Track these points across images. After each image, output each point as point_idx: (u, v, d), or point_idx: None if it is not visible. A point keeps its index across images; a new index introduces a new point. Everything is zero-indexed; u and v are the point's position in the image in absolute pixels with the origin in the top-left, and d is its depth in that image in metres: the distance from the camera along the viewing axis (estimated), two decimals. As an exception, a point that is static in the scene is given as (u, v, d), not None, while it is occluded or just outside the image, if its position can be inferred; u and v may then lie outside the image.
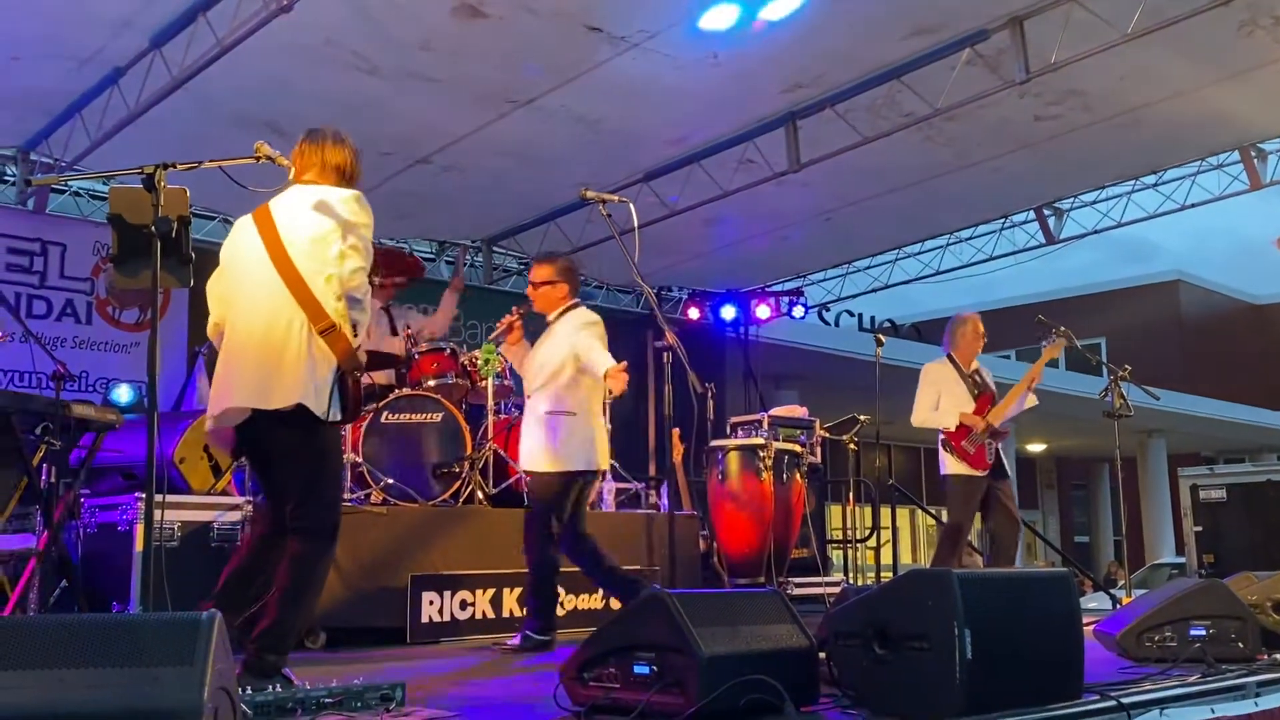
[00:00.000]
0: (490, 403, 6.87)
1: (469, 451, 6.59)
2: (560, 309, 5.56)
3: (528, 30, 6.85)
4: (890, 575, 8.29)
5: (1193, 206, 10.18)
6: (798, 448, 7.65)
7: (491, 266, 11.55)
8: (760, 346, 13.55)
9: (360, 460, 6.32)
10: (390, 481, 6.34)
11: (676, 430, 7.70)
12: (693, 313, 12.66)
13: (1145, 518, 22.29)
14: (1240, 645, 4.37)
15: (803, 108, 8.30)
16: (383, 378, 7.00)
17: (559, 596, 5.79)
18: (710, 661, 2.99)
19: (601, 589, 6.07)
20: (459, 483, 6.54)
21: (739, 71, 7.61)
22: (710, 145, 8.89)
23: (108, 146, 7.56)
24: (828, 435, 8.56)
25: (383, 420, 6.49)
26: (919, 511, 18.70)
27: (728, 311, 12.89)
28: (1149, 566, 18.65)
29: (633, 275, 5.20)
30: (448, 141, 8.46)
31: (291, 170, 3.96)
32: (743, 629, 3.19)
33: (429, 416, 6.58)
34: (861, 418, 8.70)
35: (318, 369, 3.70)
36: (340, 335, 3.72)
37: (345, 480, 6.23)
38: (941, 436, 6.87)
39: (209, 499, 6.01)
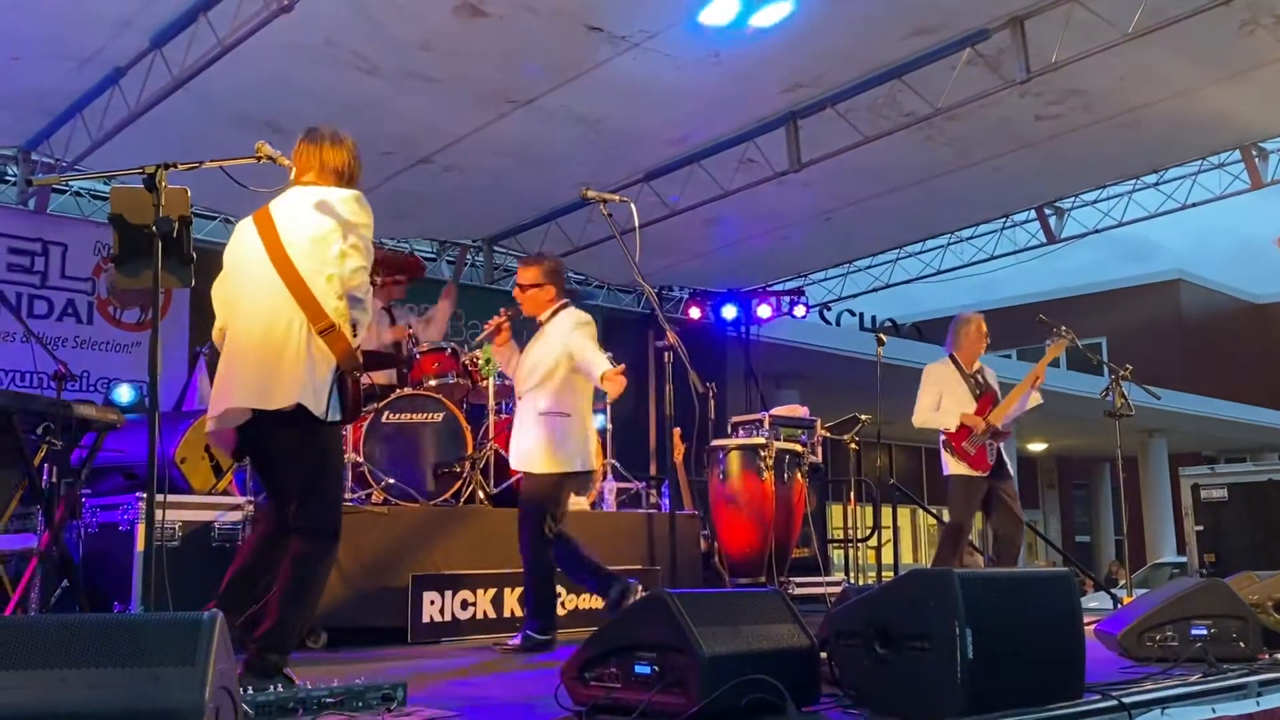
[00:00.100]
0: (491, 402, 6.87)
1: (470, 451, 6.59)
2: (550, 310, 5.57)
3: (528, 30, 6.85)
4: (891, 575, 8.30)
5: (1194, 206, 10.18)
6: (799, 447, 7.65)
7: (492, 266, 11.56)
8: (761, 346, 13.55)
9: (361, 460, 6.32)
10: (391, 481, 6.34)
11: (677, 430, 7.71)
12: (694, 312, 12.66)
13: (1146, 517, 22.29)
14: (1241, 645, 4.36)
15: (803, 107, 8.30)
16: (384, 378, 7.00)
17: (559, 596, 5.78)
18: (711, 661, 2.99)
19: (585, 586, 6.02)
20: (460, 482, 6.55)
21: (740, 71, 7.61)
22: (711, 145, 8.89)
23: (109, 146, 7.57)
24: (829, 435, 8.55)
25: (384, 420, 6.49)
26: (920, 511, 18.69)
27: (729, 311, 12.90)
28: (1150, 566, 18.64)
29: (634, 275, 5.20)
30: (448, 141, 8.46)
31: (292, 170, 3.96)
32: (744, 629, 3.18)
33: (430, 416, 6.58)
34: (862, 417, 8.70)
35: (317, 369, 3.70)
36: (340, 335, 3.72)
37: (346, 480, 6.23)
38: (942, 437, 6.87)
39: (210, 499, 6.01)
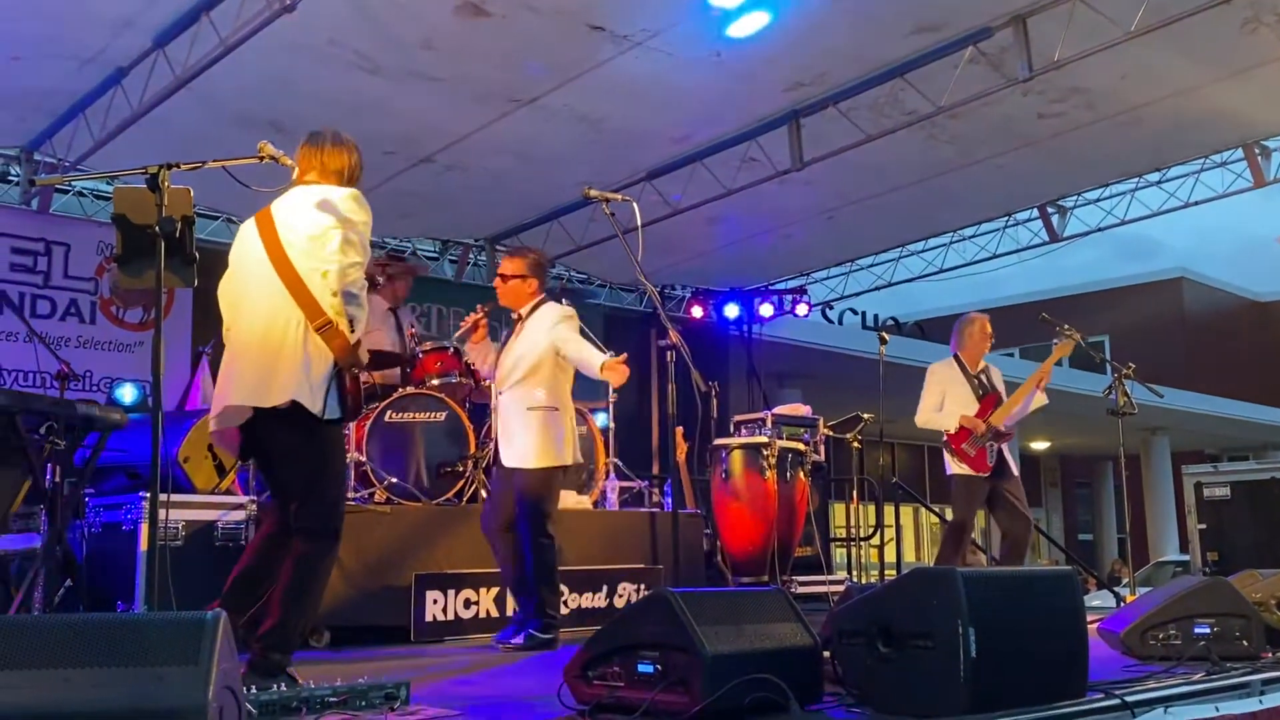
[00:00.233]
0: (494, 401, 6.86)
1: (472, 450, 6.58)
2: (530, 304, 5.57)
3: (530, 29, 6.85)
4: (894, 573, 8.30)
5: (1196, 204, 10.17)
6: (801, 446, 7.64)
7: (495, 265, 11.55)
8: (763, 345, 13.55)
9: (364, 459, 6.32)
10: (394, 480, 6.34)
11: (680, 429, 7.71)
12: (696, 311, 12.66)
13: (1149, 515, 22.26)
14: (1244, 643, 4.36)
15: (805, 106, 8.29)
16: (382, 377, 7.00)
17: (563, 594, 5.78)
18: (715, 660, 2.99)
19: (517, 598, 5.81)
20: (462, 481, 6.55)
21: (742, 70, 7.61)
22: (713, 144, 8.89)
23: (111, 146, 7.57)
24: (831, 433, 8.54)
25: (386, 419, 6.49)
26: (922, 509, 18.70)
27: (731, 310, 12.90)
28: (1153, 564, 18.63)
29: (636, 274, 5.20)
30: (450, 141, 8.47)
31: (295, 170, 3.96)
32: (747, 628, 3.19)
33: (432, 415, 6.58)
34: (865, 416, 8.69)
35: (313, 366, 3.70)
36: (337, 332, 3.72)
37: (349, 479, 6.23)
38: (944, 438, 6.86)
39: (213, 498, 6.02)
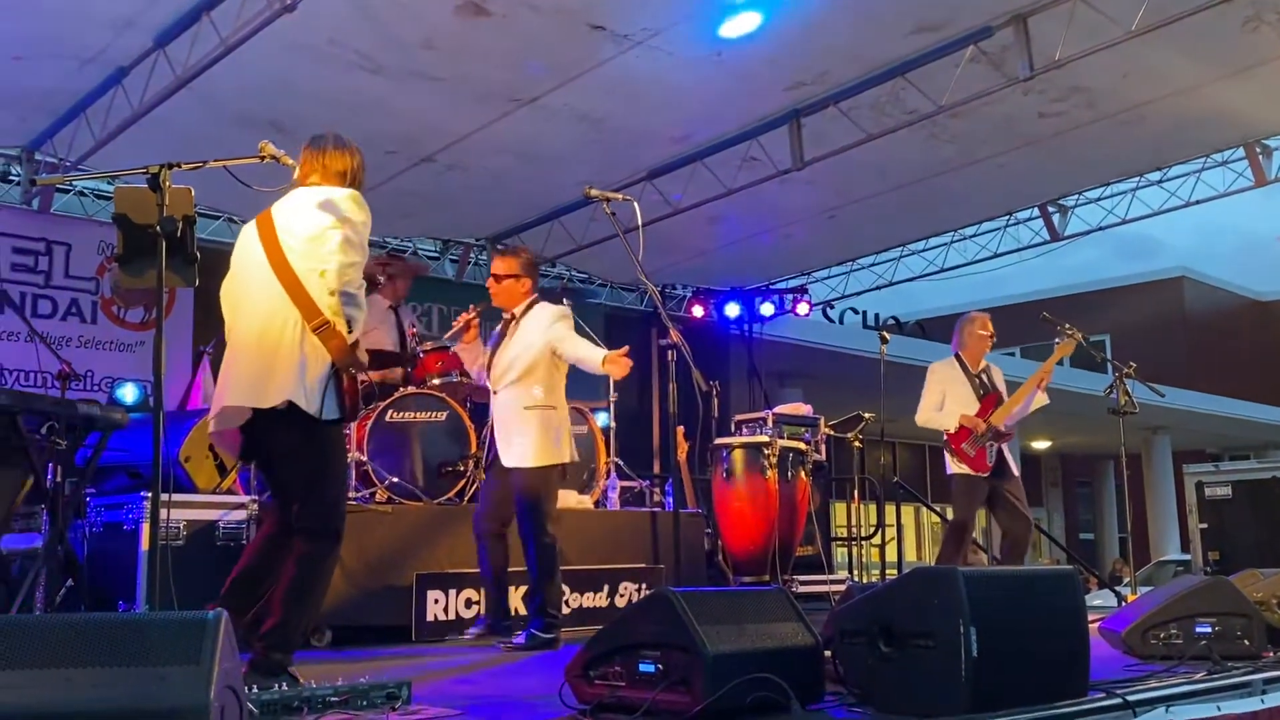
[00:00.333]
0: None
1: (474, 450, 6.58)
2: (524, 304, 5.58)
3: (531, 28, 6.85)
4: (895, 573, 8.30)
5: (1197, 203, 10.16)
6: (802, 445, 7.64)
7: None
8: (764, 344, 13.54)
9: (365, 459, 6.32)
10: (395, 480, 6.35)
11: (681, 428, 7.71)
12: (697, 310, 12.66)
13: (1150, 515, 22.23)
14: (1246, 642, 4.36)
15: (806, 105, 8.29)
16: (381, 376, 7.00)
17: (565, 594, 5.78)
18: (716, 660, 2.99)
19: (488, 587, 5.85)
20: (464, 481, 6.55)
21: (742, 69, 7.61)
22: (714, 143, 8.88)
23: (112, 146, 7.57)
24: (832, 433, 8.55)
25: (387, 419, 6.49)
26: (924, 509, 18.70)
27: (732, 309, 12.89)
28: (1154, 564, 18.62)
29: (637, 273, 5.20)
30: (451, 140, 8.46)
31: (296, 171, 3.97)
32: (748, 627, 3.19)
33: (434, 415, 6.58)
34: (866, 415, 8.69)
35: (310, 366, 3.71)
36: (334, 332, 3.72)
37: (350, 479, 6.24)
38: (944, 437, 6.86)
39: (214, 498, 6.02)
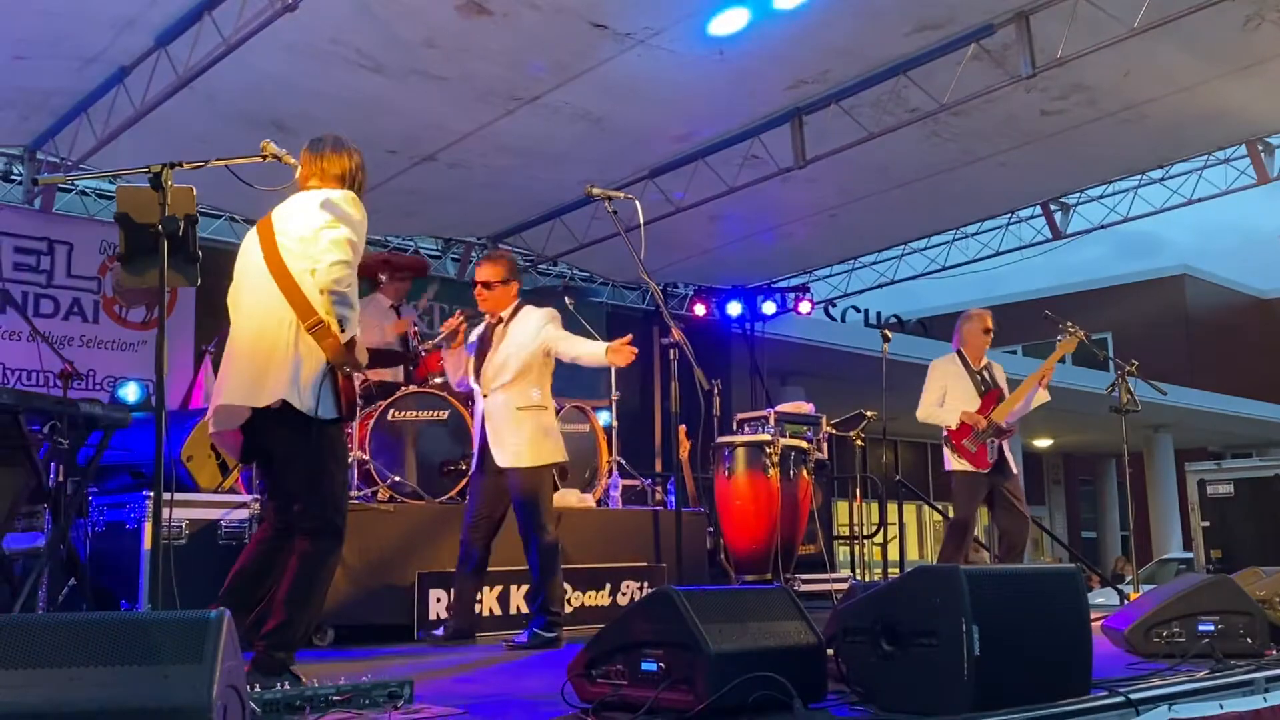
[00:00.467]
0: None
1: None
2: (511, 307, 5.60)
3: (532, 27, 6.85)
4: (897, 571, 8.31)
5: (1199, 201, 10.16)
6: (804, 444, 7.64)
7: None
8: (766, 343, 13.55)
9: (367, 457, 6.33)
10: (397, 479, 6.35)
11: (683, 427, 7.70)
12: (699, 309, 12.66)
13: (1152, 513, 22.23)
14: (1248, 640, 4.36)
15: (808, 104, 8.29)
16: (389, 375, 7.01)
17: (566, 592, 5.78)
18: (718, 658, 2.99)
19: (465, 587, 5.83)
20: (466, 480, 6.54)
21: (744, 68, 7.60)
22: (715, 142, 8.89)
23: (114, 146, 7.58)
24: (834, 431, 8.55)
25: (389, 418, 6.50)
26: (926, 507, 18.70)
27: (734, 308, 12.90)
28: (1156, 562, 18.58)
29: (639, 272, 5.20)
30: (453, 139, 8.46)
31: (297, 170, 3.98)
32: (751, 626, 3.19)
33: (436, 414, 6.59)
34: (868, 414, 8.69)
35: (304, 366, 3.73)
36: (328, 331, 3.74)
37: (352, 478, 6.24)
38: (945, 433, 6.85)
39: (217, 497, 6.02)
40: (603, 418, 7.80)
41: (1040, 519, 21.89)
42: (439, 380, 6.79)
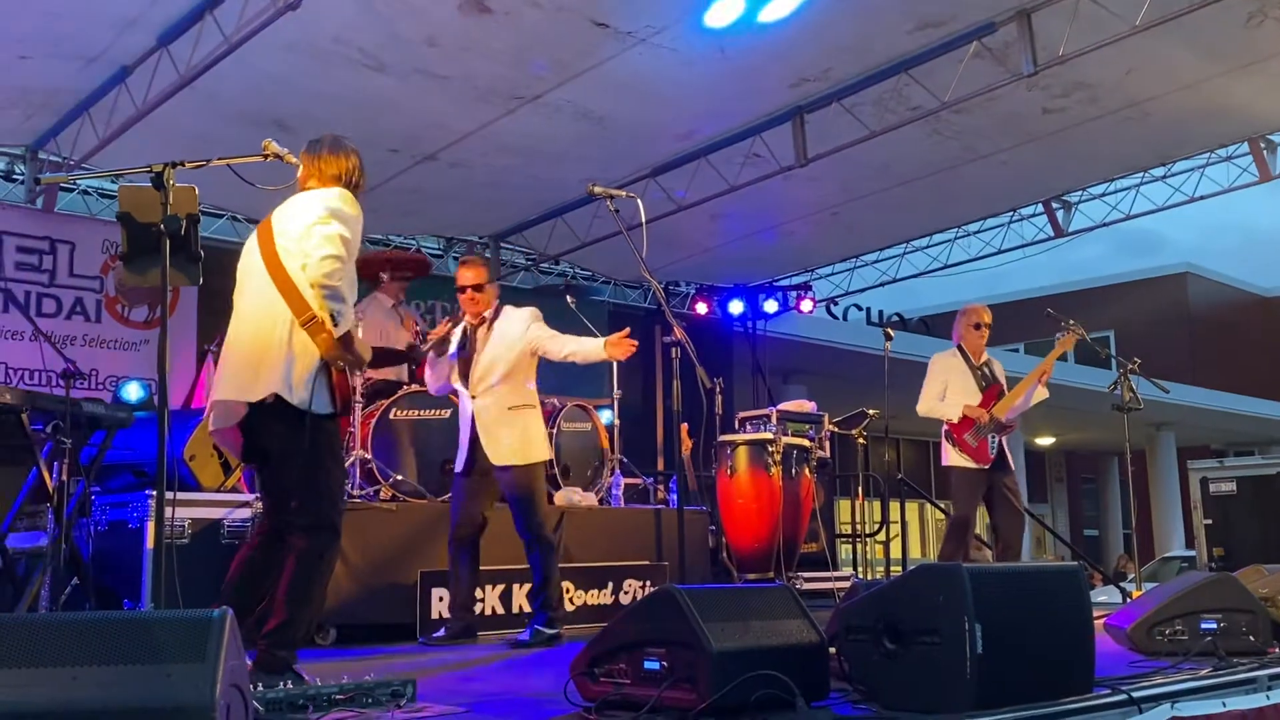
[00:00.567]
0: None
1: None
2: (493, 308, 5.61)
3: (534, 26, 6.85)
4: (900, 570, 8.29)
5: (1202, 199, 10.15)
6: (806, 442, 7.63)
7: (499, 262, 11.56)
8: (768, 341, 13.54)
9: (369, 456, 6.33)
10: (400, 478, 6.35)
11: (685, 425, 7.69)
12: (700, 308, 12.66)
13: (1155, 511, 22.22)
14: (1251, 638, 4.36)
15: (810, 102, 8.28)
16: (392, 374, 7.01)
17: (566, 592, 5.78)
18: (721, 657, 2.99)
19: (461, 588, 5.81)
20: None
21: (746, 66, 7.60)
22: (717, 140, 8.88)
23: (116, 145, 7.58)
24: (836, 430, 8.54)
25: (391, 417, 6.50)
26: (928, 505, 18.69)
27: (735, 306, 12.89)
28: (1159, 560, 18.60)
29: (640, 270, 5.21)
30: (454, 138, 8.46)
31: (300, 170, 3.99)
32: (753, 624, 3.18)
33: (438, 413, 6.58)
34: (870, 412, 8.68)
35: (296, 361, 3.75)
36: (321, 327, 3.76)
37: (355, 477, 6.25)
38: (945, 428, 6.83)
39: (219, 496, 6.03)
40: (605, 416, 7.80)
41: (1043, 517, 21.89)
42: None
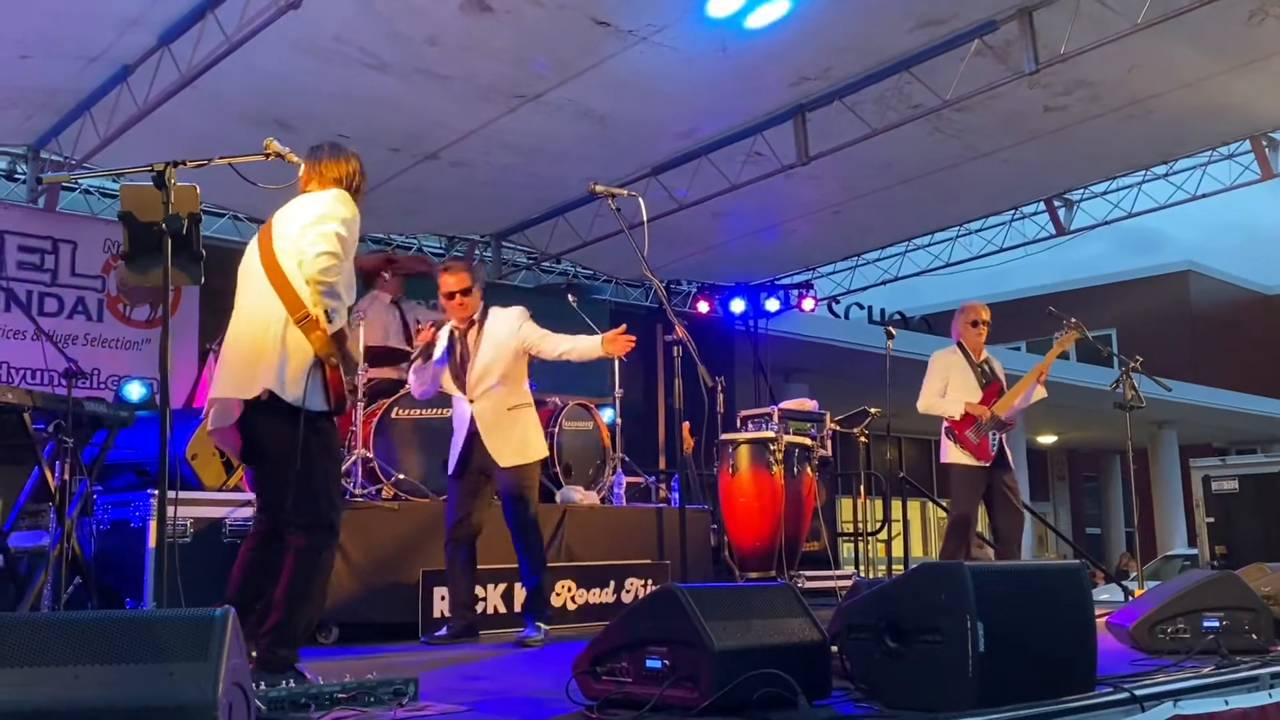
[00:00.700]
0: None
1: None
2: (479, 311, 5.61)
3: (535, 25, 6.85)
4: (902, 568, 8.29)
5: (1203, 197, 10.14)
6: (808, 441, 7.64)
7: (501, 261, 11.57)
8: (770, 339, 13.53)
9: (371, 456, 6.33)
10: (402, 477, 6.35)
11: (686, 424, 7.68)
12: (702, 306, 12.66)
13: (1157, 509, 22.21)
14: (1254, 636, 4.35)
15: (811, 100, 8.28)
16: (394, 373, 7.00)
17: (570, 591, 5.79)
18: (723, 655, 2.99)
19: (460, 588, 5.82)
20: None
21: (747, 65, 7.60)
22: (718, 139, 8.88)
23: (117, 144, 7.59)
24: (838, 428, 8.54)
25: (393, 416, 6.50)
26: (930, 504, 18.68)
27: (737, 305, 12.88)
28: (1161, 558, 18.59)
29: (642, 269, 5.22)
30: (456, 137, 8.47)
31: (301, 169, 4.00)
32: (755, 623, 3.18)
33: (440, 412, 6.58)
34: (872, 411, 8.68)
35: (290, 357, 3.76)
36: (315, 324, 3.78)
37: (357, 476, 6.25)
38: (946, 425, 6.83)
39: (221, 495, 6.03)
40: (606, 415, 7.80)
41: (1045, 515, 21.86)
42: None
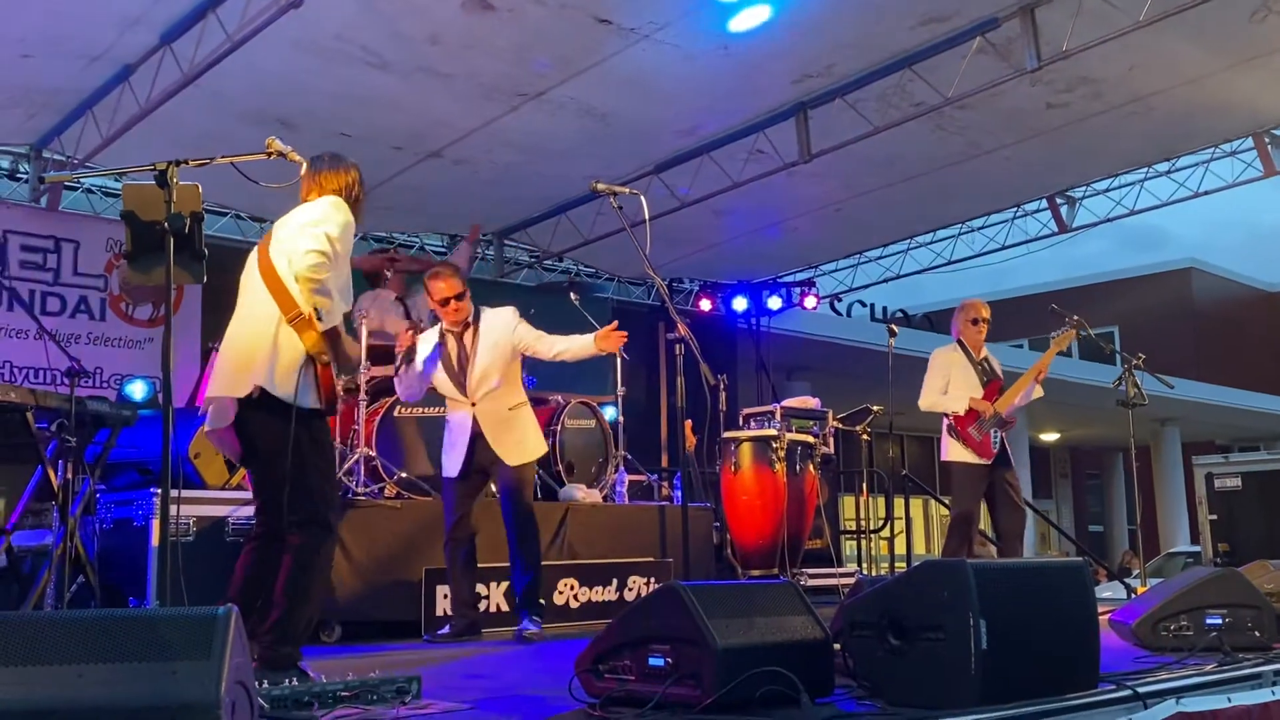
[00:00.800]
0: (458, 414, 6.83)
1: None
2: (470, 315, 5.62)
3: (537, 23, 6.85)
4: (904, 566, 8.29)
5: (1206, 194, 10.13)
6: (810, 439, 7.63)
7: (503, 260, 11.56)
8: (772, 338, 13.53)
9: (374, 454, 6.34)
10: (404, 475, 6.36)
11: (689, 422, 7.69)
12: (704, 304, 12.65)
13: (1160, 507, 22.20)
14: (1257, 634, 4.35)
15: (813, 98, 8.27)
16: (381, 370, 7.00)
17: (574, 588, 5.82)
18: (725, 653, 2.99)
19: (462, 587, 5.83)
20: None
21: (749, 62, 7.59)
22: (720, 136, 8.87)
23: (119, 143, 7.59)
24: (840, 426, 8.53)
25: (396, 414, 6.50)
26: (932, 501, 18.67)
27: (739, 303, 12.87)
28: (1164, 555, 18.56)
29: (644, 267, 5.21)
30: (458, 135, 8.47)
31: (303, 168, 4.02)
32: (757, 620, 3.18)
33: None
34: (874, 408, 8.67)
35: (281, 356, 3.80)
36: (307, 323, 3.81)
37: (359, 474, 6.25)
38: (948, 422, 6.82)
39: (224, 494, 6.04)
40: (609, 413, 7.80)
41: (1047, 513, 21.85)
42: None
